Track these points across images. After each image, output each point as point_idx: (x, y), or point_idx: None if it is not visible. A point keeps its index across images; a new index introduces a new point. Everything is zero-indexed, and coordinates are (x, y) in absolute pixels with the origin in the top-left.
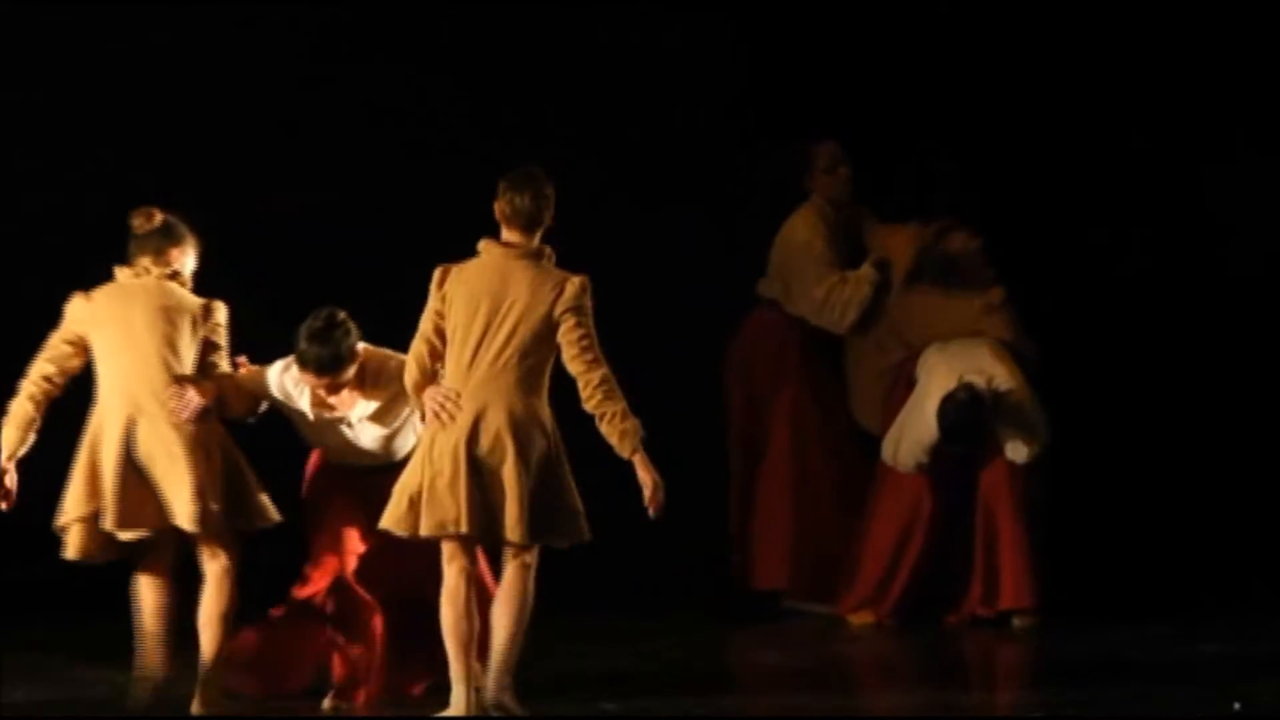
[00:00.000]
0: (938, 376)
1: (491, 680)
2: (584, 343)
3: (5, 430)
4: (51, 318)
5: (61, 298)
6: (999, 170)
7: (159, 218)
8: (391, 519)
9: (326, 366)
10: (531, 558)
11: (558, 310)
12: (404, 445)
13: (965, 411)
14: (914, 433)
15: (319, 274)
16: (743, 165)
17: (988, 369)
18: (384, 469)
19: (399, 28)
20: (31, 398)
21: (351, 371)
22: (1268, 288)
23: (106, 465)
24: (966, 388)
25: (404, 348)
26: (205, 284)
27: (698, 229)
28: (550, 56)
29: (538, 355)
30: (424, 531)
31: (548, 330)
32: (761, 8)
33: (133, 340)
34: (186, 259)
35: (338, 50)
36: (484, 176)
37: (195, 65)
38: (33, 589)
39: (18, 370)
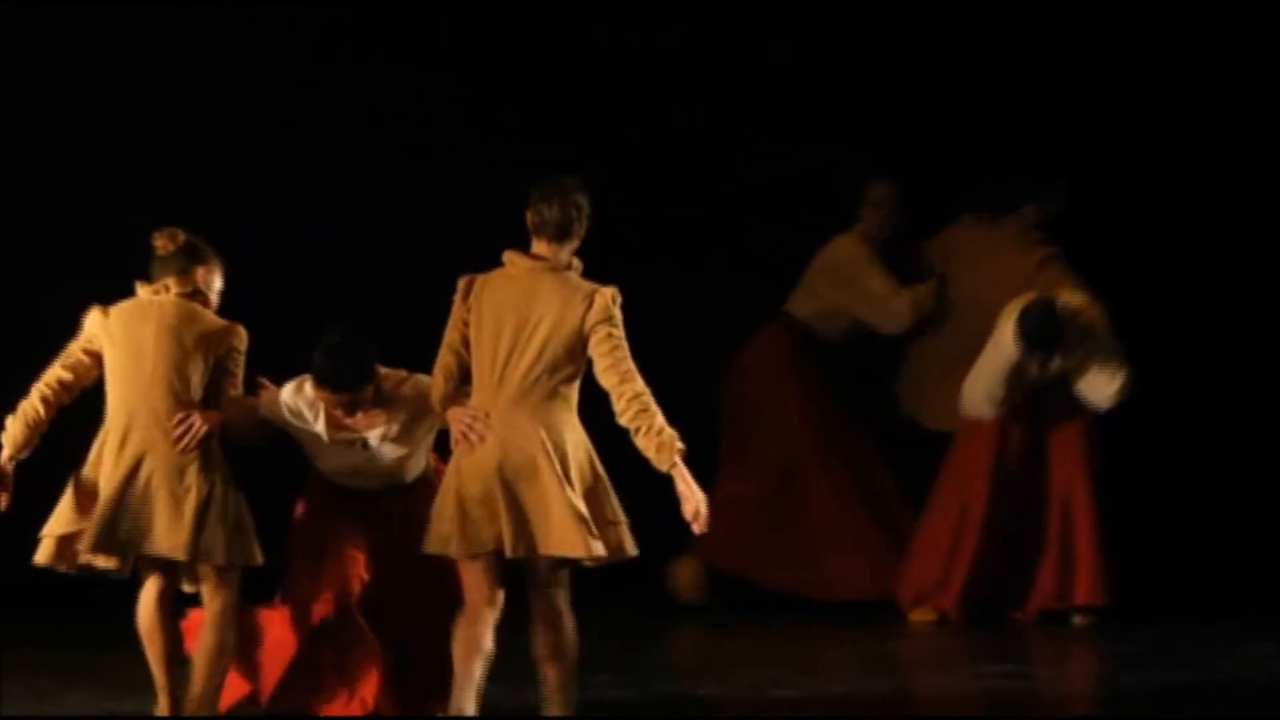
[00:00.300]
0: (1009, 313)
1: None
2: (617, 355)
3: (11, 427)
4: (46, 318)
5: (57, 298)
6: (999, 171)
7: (182, 238)
8: (434, 542)
9: (346, 383)
10: (564, 584)
11: (589, 323)
12: (416, 467)
13: (1043, 316)
14: (989, 364)
15: (319, 275)
16: (742, 165)
17: (1061, 293)
18: (390, 492)
19: (399, 28)
20: (44, 399)
21: (370, 391)
22: (1268, 288)
23: (103, 490)
24: (1040, 299)
25: (405, 347)
26: None
27: (698, 229)
28: (550, 56)
29: (568, 369)
30: (456, 553)
31: (578, 344)
32: (763, 7)
33: (141, 363)
34: (213, 280)
35: (338, 50)
36: (484, 176)
37: (195, 65)
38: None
39: (8, 370)
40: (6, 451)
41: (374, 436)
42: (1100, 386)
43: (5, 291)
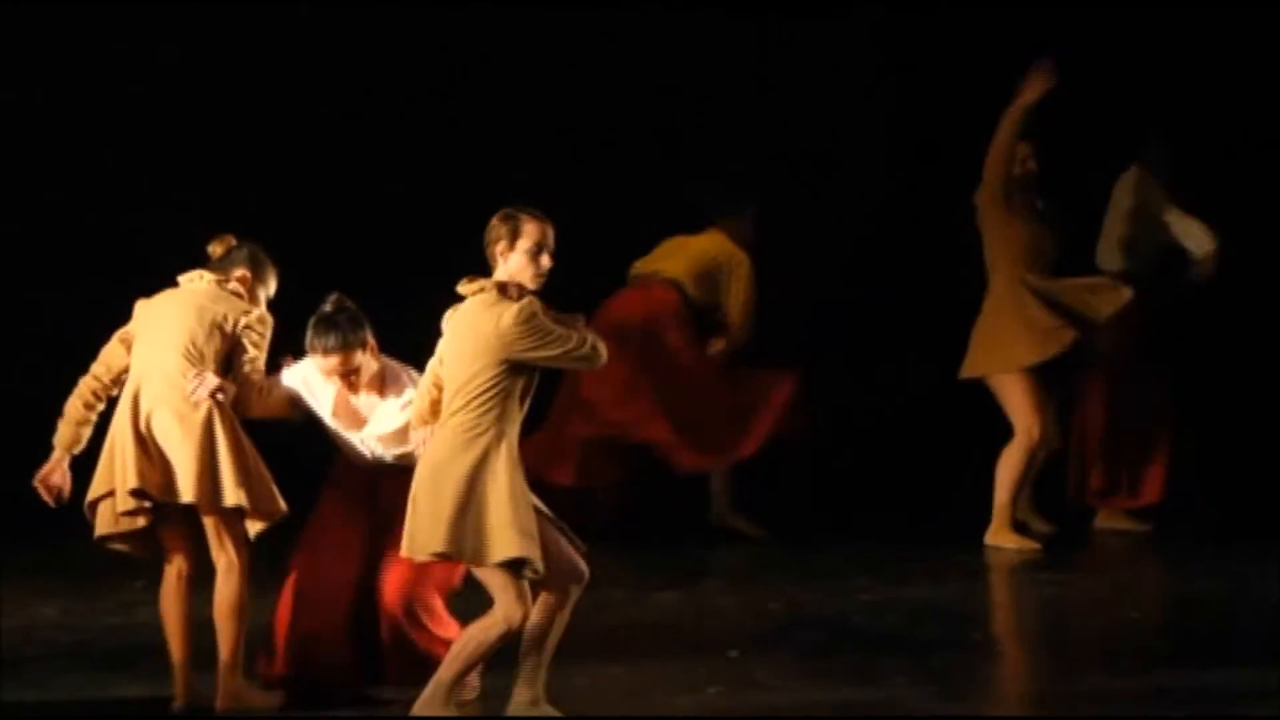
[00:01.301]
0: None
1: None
2: (546, 355)
3: (61, 429)
4: (48, 318)
5: (58, 297)
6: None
7: (233, 242)
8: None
9: (332, 346)
10: (511, 587)
11: (498, 340)
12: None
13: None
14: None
15: (318, 275)
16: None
17: None
18: (400, 469)
19: (399, 27)
20: (82, 394)
21: (362, 356)
22: (1267, 287)
23: (119, 440)
24: None
25: (407, 350)
26: None
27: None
28: (552, 57)
29: (480, 384)
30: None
31: (492, 359)
32: (762, 6)
33: (158, 329)
34: (257, 287)
35: (337, 50)
36: (485, 179)
37: (195, 65)
38: None
39: (10, 370)
40: (59, 452)
41: (369, 430)
42: (1203, 240)
43: (6, 292)
